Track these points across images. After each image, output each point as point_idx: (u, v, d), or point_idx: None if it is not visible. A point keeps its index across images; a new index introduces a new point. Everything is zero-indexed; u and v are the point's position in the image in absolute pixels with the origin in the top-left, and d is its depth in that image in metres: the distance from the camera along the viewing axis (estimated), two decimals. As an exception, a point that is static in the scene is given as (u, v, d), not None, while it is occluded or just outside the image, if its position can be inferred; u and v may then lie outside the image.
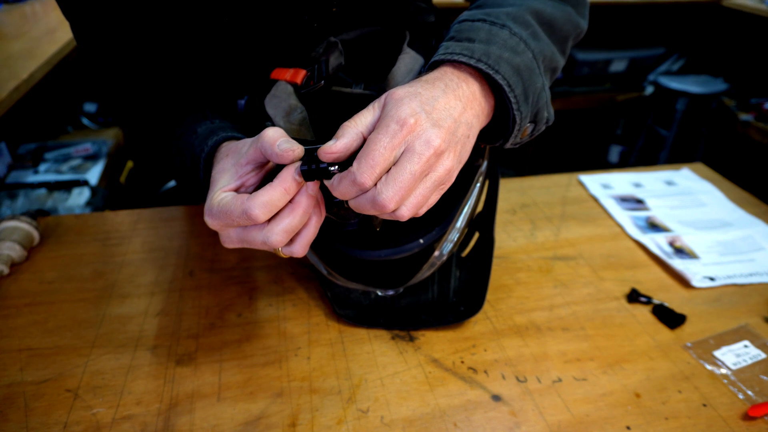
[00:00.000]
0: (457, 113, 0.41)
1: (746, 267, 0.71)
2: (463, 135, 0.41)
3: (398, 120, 0.38)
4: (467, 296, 0.63)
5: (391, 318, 0.61)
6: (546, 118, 0.49)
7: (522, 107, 0.44)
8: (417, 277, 0.57)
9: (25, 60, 1.31)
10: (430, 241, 0.54)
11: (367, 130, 0.40)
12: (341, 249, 0.55)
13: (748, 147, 2.37)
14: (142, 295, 0.64)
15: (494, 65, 0.43)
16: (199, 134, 0.52)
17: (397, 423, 0.50)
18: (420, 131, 0.38)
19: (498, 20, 0.46)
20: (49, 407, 0.50)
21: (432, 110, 0.39)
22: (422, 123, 0.38)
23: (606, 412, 0.51)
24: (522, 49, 0.45)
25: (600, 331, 0.61)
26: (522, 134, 0.48)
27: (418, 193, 0.39)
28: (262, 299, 0.64)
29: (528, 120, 0.46)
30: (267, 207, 0.39)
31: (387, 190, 0.37)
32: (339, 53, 0.54)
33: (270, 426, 0.49)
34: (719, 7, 2.42)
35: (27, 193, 1.51)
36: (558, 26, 0.52)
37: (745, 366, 0.57)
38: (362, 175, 0.37)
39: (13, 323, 0.60)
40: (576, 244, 0.75)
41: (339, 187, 0.39)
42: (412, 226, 0.53)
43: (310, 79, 0.51)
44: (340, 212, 0.48)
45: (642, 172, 0.94)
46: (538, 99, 0.47)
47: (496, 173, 0.64)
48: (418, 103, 0.39)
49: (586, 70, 2.57)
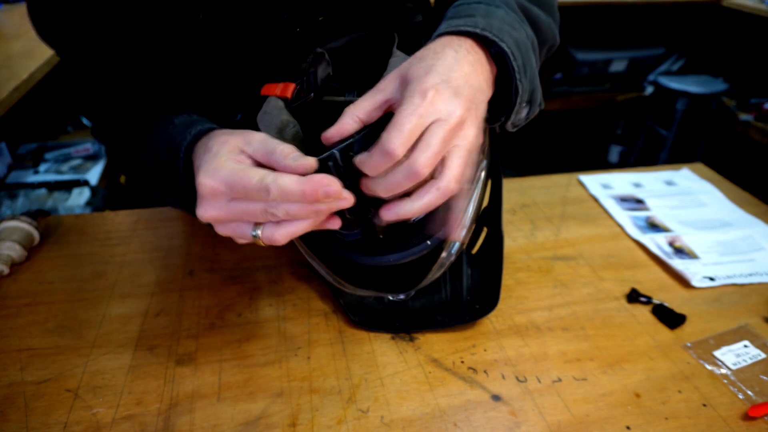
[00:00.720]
0: (472, 80, 0.42)
1: (746, 267, 0.71)
2: (479, 100, 0.43)
3: (421, 93, 0.39)
4: (481, 294, 0.63)
5: (407, 321, 0.61)
6: (539, 101, 0.51)
7: (523, 79, 0.46)
8: (427, 278, 0.57)
9: (25, 60, 1.31)
10: (437, 241, 0.54)
11: (365, 113, 0.42)
12: (347, 256, 0.55)
13: (748, 147, 2.38)
14: (142, 295, 0.64)
15: (498, 34, 0.44)
16: (177, 124, 0.51)
17: (397, 423, 0.50)
18: (444, 102, 0.39)
19: (493, 2, 0.48)
20: (49, 407, 0.50)
21: (450, 79, 0.40)
22: (444, 93, 0.40)
23: (606, 412, 0.51)
24: (518, 27, 0.47)
25: (600, 331, 0.61)
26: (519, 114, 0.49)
27: (456, 162, 0.40)
28: (262, 299, 0.64)
29: (527, 97, 0.48)
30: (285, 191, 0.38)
31: (421, 155, 0.38)
32: (326, 64, 0.53)
33: (270, 426, 0.49)
34: (719, 7, 2.42)
35: (27, 193, 1.51)
36: (541, 28, 0.54)
37: (745, 366, 0.57)
38: (392, 141, 0.38)
39: (13, 323, 0.60)
40: (576, 244, 0.75)
41: (370, 160, 0.39)
42: (418, 229, 0.53)
43: (300, 92, 0.51)
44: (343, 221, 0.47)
45: (642, 172, 0.94)
46: (533, 78, 0.48)
47: (499, 170, 0.64)
48: (436, 75, 0.40)
49: (586, 70, 2.57)
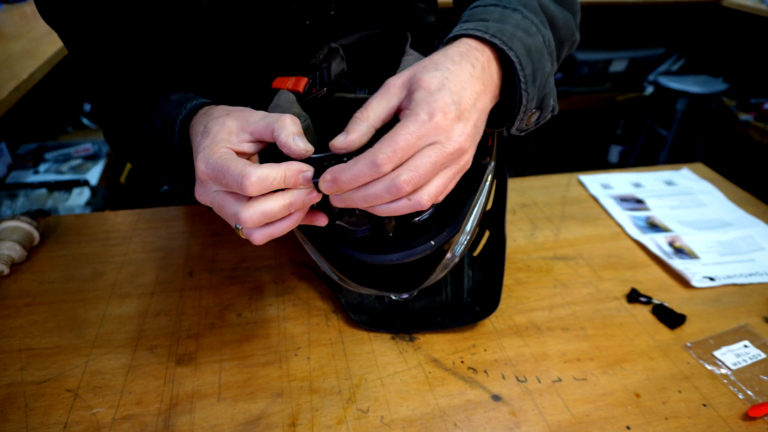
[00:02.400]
0: (480, 103, 0.41)
1: (746, 267, 0.71)
2: (481, 122, 0.42)
3: (429, 112, 0.38)
4: (482, 296, 0.63)
5: (407, 321, 0.61)
6: (552, 107, 0.50)
7: (530, 88, 0.45)
8: (430, 279, 0.56)
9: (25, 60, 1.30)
10: (441, 242, 0.53)
11: (380, 121, 0.40)
12: (351, 255, 0.55)
13: (748, 147, 2.38)
14: (142, 295, 0.64)
15: (508, 42, 0.43)
16: (172, 101, 0.51)
17: (397, 423, 0.50)
18: (448, 127, 0.38)
19: (510, 5, 0.47)
20: (49, 407, 0.50)
21: (461, 101, 0.39)
22: (451, 117, 0.38)
23: (606, 412, 0.51)
24: (534, 32, 0.46)
25: (600, 331, 0.61)
26: (528, 120, 0.48)
27: (438, 182, 0.39)
28: (262, 299, 0.64)
29: (534, 105, 0.47)
30: (262, 183, 0.38)
31: (405, 173, 0.37)
32: (341, 59, 0.53)
33: (270, 426, 0.49)
34: (719, 7, 2.42)
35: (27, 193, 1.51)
36: (558, 26, 0.52)
37: (745, 366, 0.57)
38: (382, 156, 0.37)
39: (13, 323, 0.60)
40: (576, 244, 0.75)
41: (354, 168, 0.38)
42: (423, 229, 0.53)
43: (312, 87, 0.51)
44: (351, 219, 0.47)
45: (642, 172, 0.94)
46: (546, 84, 0.47)
47: (504, 172, 0.64)
48: (448, 94, 0.39)
49: (586, 70, 2.57)
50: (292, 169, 0.39)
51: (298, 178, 0.39)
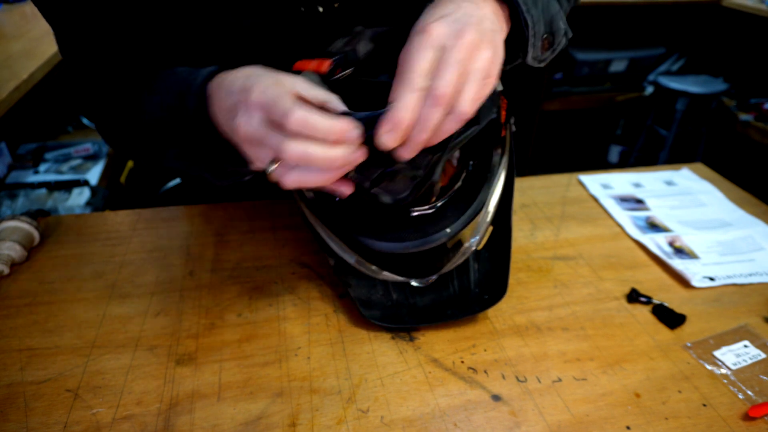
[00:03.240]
0: (477, 11, 0.43)
1: (746, 267, 0.71)
2: (490, 29, 0.43)
3: (420, 30, 0.40)
4: (489, 285, 0.63)
5: (416, 317, 0.61)
6: (563, 30, 0.51)
7: (532, 10, 0.46)
8: (452, 263, 0.56)
9: (25, 60, 1.31)
10: (457, 230, 0.53)
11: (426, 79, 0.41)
12: (367, 244, 0.55)
13: (748, 147, 2.38)
14: (142, 295, 0.64)
15: None
16: (180, 71, 0.51)
17: (397, 423, 0.50)
18: (446, 30, 0.40)
19: None
20: (49, 407, 0.50)
21: (451, 14, 0.42)
22: (445, 23, 0.41)
23: (606, 412, 0.51)
24: None
25: (600, 331, 0.61)
26: (543, 47, 0.49)
27: (470, 87, 0.40)
28: (262, 299, 0.64)
29: (543, 29, 0.48)
30: (306, 121, 0.38)
31: (440, 79, 0.39)
32: (368, 40, 0.53)
33: (270, 426, 0.49)
34: (719, 7, 2.42)
35: (27, 193, 1.51)
36: None
37: (745, 366, 0.57)
38: (411, 73, 0.39)
39: (13, 323, 0.60)
40: (576, 244, 0.75)
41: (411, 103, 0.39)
42: (439, 216, 0.53)
43: (337, 67, 0.51)
44: (391, 184, 0.47)
45: (642, 172, 0.94)
46: (547, 7, 0.48)
47: (513, 166, 0.64)
48: (434, 12, 0.42)
49: (586, 70, 2.57)
50: (339, 123, 0.39)
51: (344, 133, 0.39)
